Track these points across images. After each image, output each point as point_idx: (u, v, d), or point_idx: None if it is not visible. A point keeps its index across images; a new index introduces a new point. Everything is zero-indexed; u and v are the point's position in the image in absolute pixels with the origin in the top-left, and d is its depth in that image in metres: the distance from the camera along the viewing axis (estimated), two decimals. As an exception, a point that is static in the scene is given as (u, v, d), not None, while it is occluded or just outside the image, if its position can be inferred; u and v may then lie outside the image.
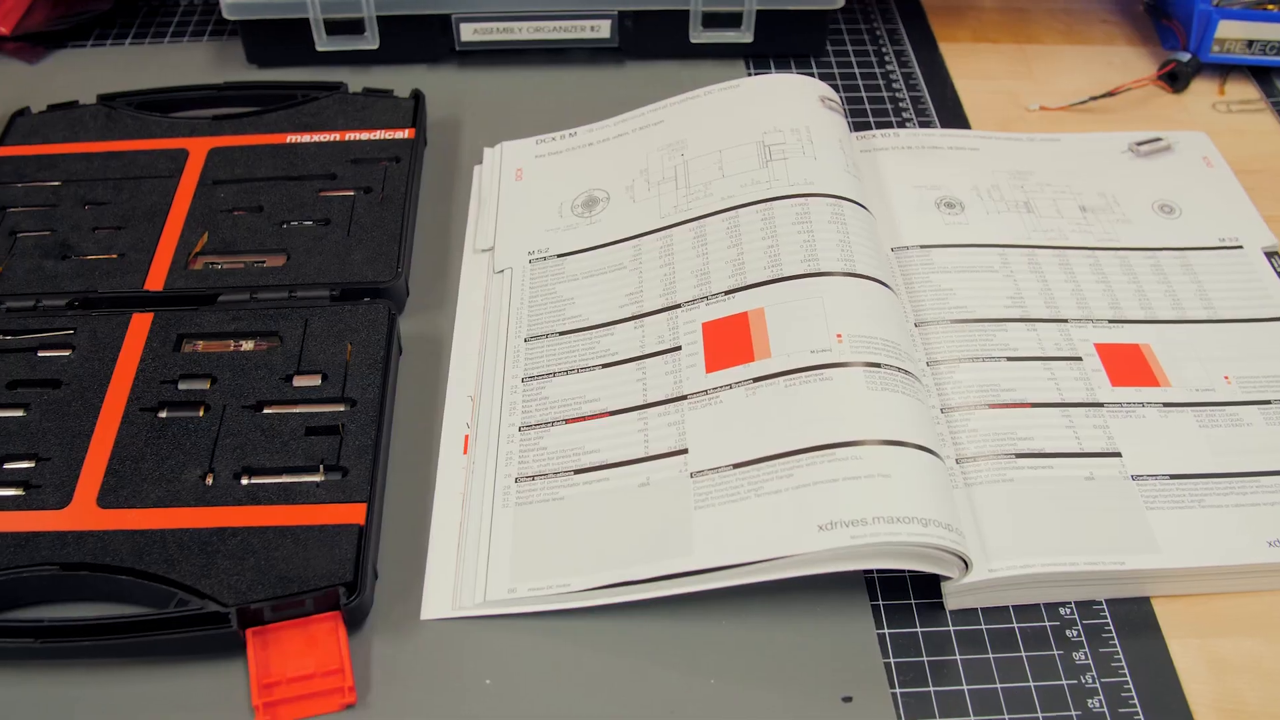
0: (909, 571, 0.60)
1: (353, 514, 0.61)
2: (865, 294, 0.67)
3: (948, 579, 0.59)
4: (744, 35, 0.91)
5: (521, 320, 0.72)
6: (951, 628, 0.60)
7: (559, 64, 0.94)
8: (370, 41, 0.93)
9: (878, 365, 0.63)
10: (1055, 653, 0.59)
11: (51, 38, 1.02)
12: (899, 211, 0.77)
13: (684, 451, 0.62)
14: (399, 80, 0.90)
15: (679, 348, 0.67)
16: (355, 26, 0.93)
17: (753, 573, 0.57)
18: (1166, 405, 0.67)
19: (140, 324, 0.71)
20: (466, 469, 0.66)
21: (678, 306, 0.69)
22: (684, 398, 0.65)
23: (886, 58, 0.96)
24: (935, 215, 0.77)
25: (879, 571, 0.62)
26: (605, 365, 0.68)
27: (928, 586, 0.61)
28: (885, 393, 0.62)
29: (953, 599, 0.60)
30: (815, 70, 0.94)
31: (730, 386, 0.64)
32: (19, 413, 0.67)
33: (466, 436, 0.67)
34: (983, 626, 0.60)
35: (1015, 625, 0.60)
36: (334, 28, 0.93)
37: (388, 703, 0.57)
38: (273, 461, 0.64)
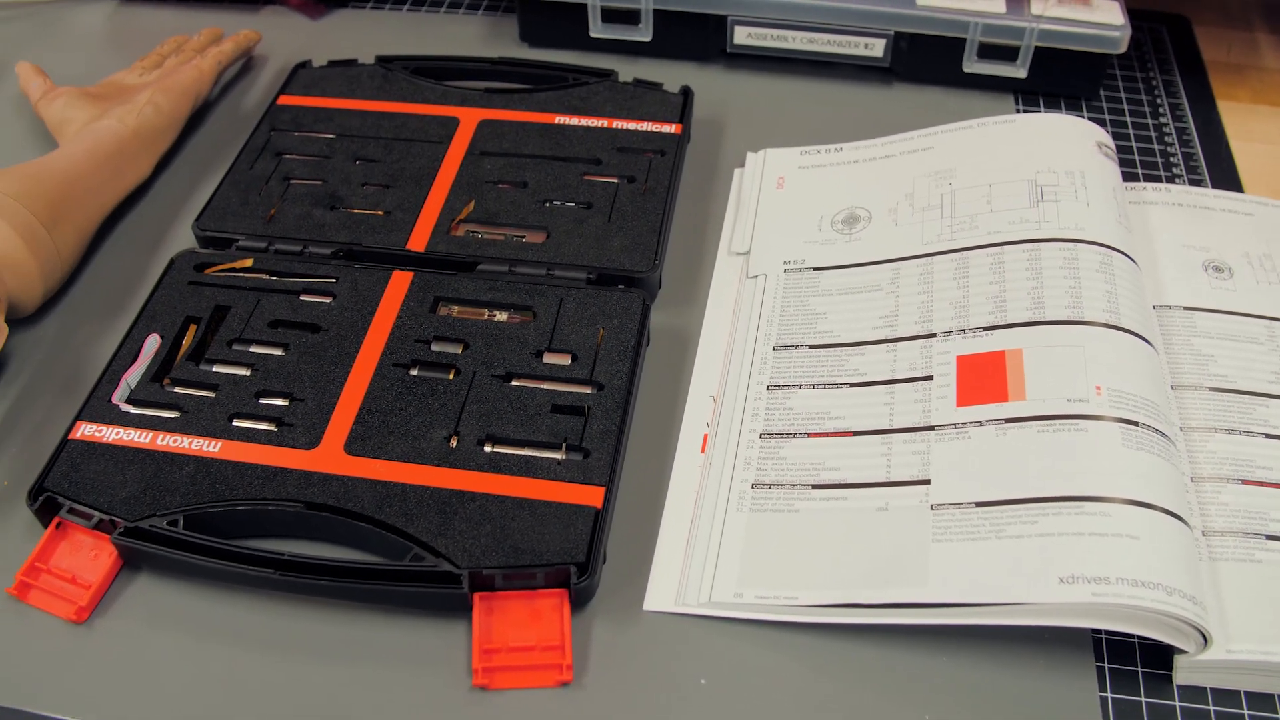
0: (1140, 638, 0.59)
1: (591, 496, 0.61)
2: (1128, 349, 0.65)
3: (1182, 652, 0.57)
4: (1018, 70, 0.90)
5: (771, 328, 0.72)
6: (1178, 703, 0.58)
7: (826, 77, 0.93)
8: (643, 34, 0.94)
9: (1135, 423, 0.61)
10: (1286, 747, 0.57)
11: (335, -3, 1.06)
12: (1164, 269, 0.75)
13: (926, 482, 0.61)
14: (666, 74, 0.91)
15: (930, 377, 0.66)
16: (630, 17, 0.94)
17: (984, 614, 0.56)
18: None
19: (400, 281, 0.73)
20: (703, 468, 0.66)
21: (933, 336, 0.68)
22: (931, 428, 0.64)
23: (1160, 109, 0.94)
24: (1202, 278, 0.75)
25: (1107, 632, 0.60)
26: (853, 384, 0.67)
27: (1157, 656, 0.59)
28: (1140, 452, 0.60)
29: (1183, 674, 0.58)
30: (1085, 113, 0.92)
31: (980, 423, 0.63)
32: (278, 351, 0.70)
33: (705, 436, 0.67)
34: (1210, 707, 0.58)
35: (1246, 712, 0.58)
36: (609, 15, 0.94)
37: (601, 687, 0.58)
38: (517, 433, 0.65)
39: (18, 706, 0.59)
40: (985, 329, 0.67)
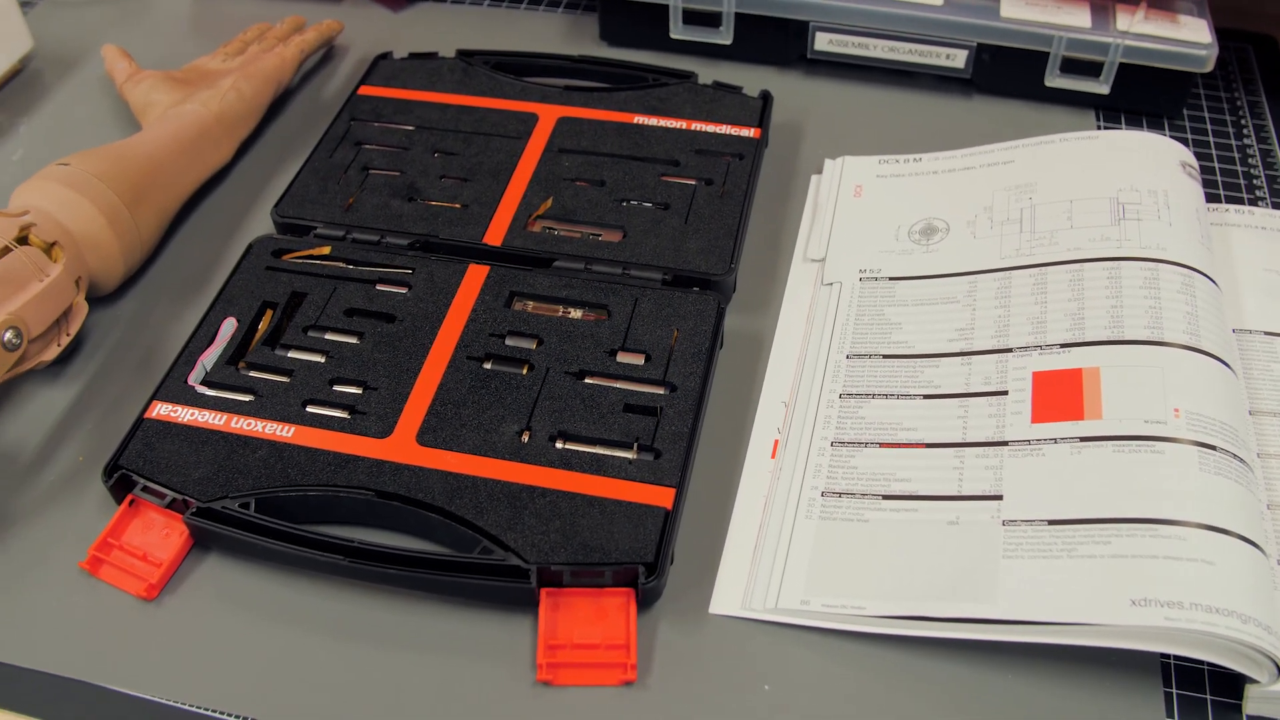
0: (1211, 665, 0.58)
1: (661, 497, 0.61)
2: (1207, 372, 0.64)
3: (1253, 681, 0.56)
4: (1101, 86, 0.89)
5: (845, 336, 0.71)
6: (1246, 732, 0.57)
7: (905, 86, 0.93)
8: (724, 36, 0.94)
9: (1213, 448, 0.60)
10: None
11: (418, -11, 1.06)
12: (1245, 293, 0.74)
13: (998, 498, 0.61)
14: (744, 78, 0.91)
15: (1005, 392, 0.66)
16: (711, 19, 0.94)
17: (1053, 633, 0.56)
18: None
19: (476, 275, 0.73)
20: (772, 473, 0.66)
21: (1009, 351, 0.68)
22: (1005, 443, 0.63)
23: (1245, 130, 0.92)
24: (1284, 302, 0.74)
25: (1176, 657, 0.59)
26: (927, 396, 0.67)
27: (1227, 684, 0.58)
28: (1217, 477, 0.59)
29: (1255, 704, 0.57)
30: (1168, 131, 0.91)
31: (1055, 441, 0.62)
32: (353, 339, 0.70)
33: (776, 441, 0.67)
34: (1280, 739, 0.57)
35: (1316, 745, 0.57)
36: (690, 17, 0.94)
37: (665, 687, 0.58)
38: (589, 431, 0.65)
39: (87, 679, 0.59)
40: (1062, 346, 0.67)
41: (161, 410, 0.67)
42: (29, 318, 0.68)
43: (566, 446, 0.64)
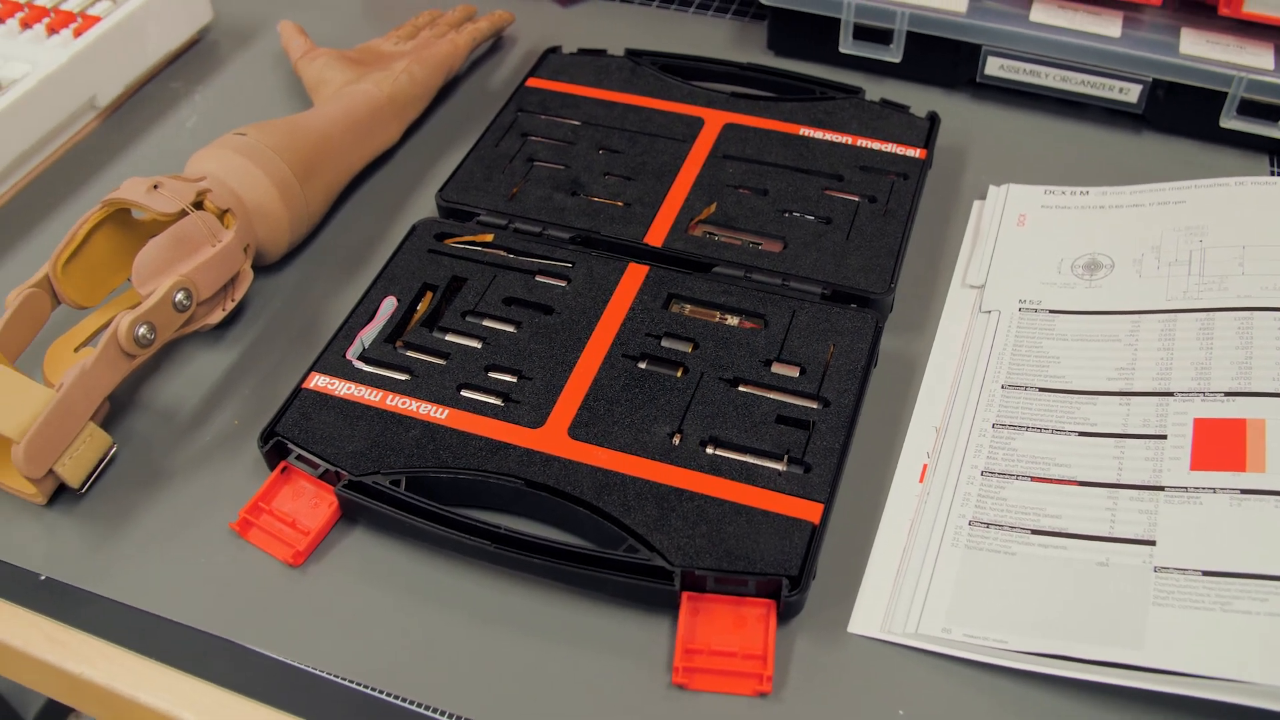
0: (1361, 734, 0.56)
1: (809, 511, 0.61)
2: (1380, 432, 0.62)
3: (1407, 754, 0.55)
4: (1279, 131, 0.87)
5: (1001, 366, 0.70)
6: (1396, 806, 0.56)
7: (1073, 117, 0.92)
8: (893, 54, 0.93)
9: (1380, 512, 0.59)
10: None
11: (587, -15, 1.07)
12: None
13: (1151, 543, 0.60)
14: (910, 97, 0.90)
15: (1164, 436, 0.64)
16: (881, 36, 0.93)
17: (1201, 687, 0.54)
18: None
19: (635, 274, 0.74)
20: (919, 498, 0.65)
21: (1170, 394, 0.66)
22: (1161, 488, 0.62)
23: None
24: None
25: (1325, 724, 0.58)
26: (1082, 434, 0.66)
27: (1376, 755, 0.57)
28: (1384, 542, 0.58)
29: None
30: (1344, 184, 0.89)
31: (1214, 490, 0.61)
32: (510, 328, 0.71)
33: (925, 466, 0.67)
34: None
35: None
36: (860, 33, 0.93)
37: (798, 702, 0.57)
38: (740, 439, 0.65)
39: (229, 637, 0.61)
40: (1227, 394, 0.65)
41: (319, 382, 0.68)
42: (199, 281, 0.70)
43: (717, 452, 0.64)
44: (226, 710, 0.59)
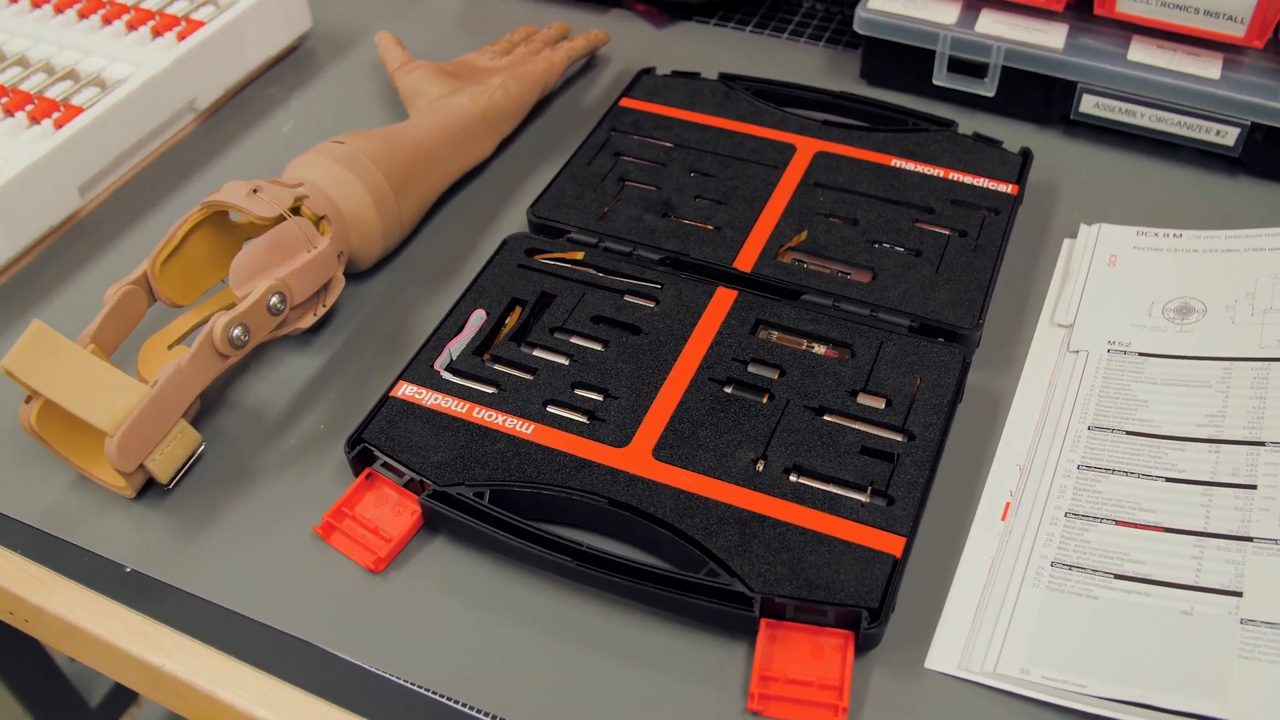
0: None
1: (891, 544, 0.61)
2: None
3: None
4: (1377, 182, 0.86)
5: (1089, 407, 0.70)
6: None
7: (1167, 158, 0.91)
8: (987, 88, 0.93)
9: None
10: None
11: (680, 8, 1.07)
12: None
13: (1238, 594, 0.59)
14: (1002, 132, 0.90)
15: (1254, 486, 0.64)
16: (975, 70, 0.93)
17: (1285, 743, 0.54)
18: None
19: (723, 298, 0.74)
20: (1001, 536, 0.65)
21: (1261, 444, 0.66)
22: (1249, 539, 0.61)
23: None
24: None
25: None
26: (1169, 479, 0.65)
27: None
28: None
29: None
30: None
31: (1304, 544, 0.60)
32: (598, 346, 0.72)
33: (1008, 504, 0.66)
34: None
35: None
36: (954, 65, 0.93)
37: (873, 736, 0.57)
38: (824, 468, 0.65)
39: (310, 639, 0.62)
40: (1320, 446, 0.65)
41: (406, 391, 0.69)
42: (294, 285, 0.71)
43: (800, 480, 0.64)
44: (302, 710, 0.60)
